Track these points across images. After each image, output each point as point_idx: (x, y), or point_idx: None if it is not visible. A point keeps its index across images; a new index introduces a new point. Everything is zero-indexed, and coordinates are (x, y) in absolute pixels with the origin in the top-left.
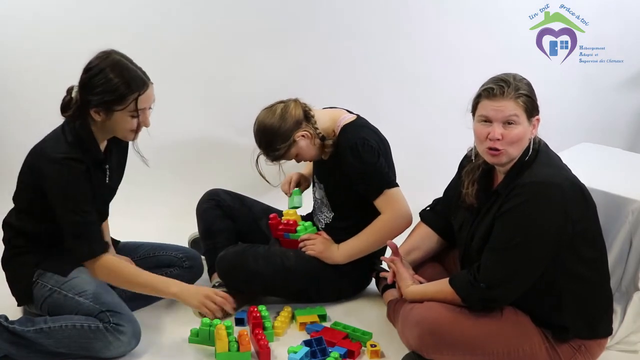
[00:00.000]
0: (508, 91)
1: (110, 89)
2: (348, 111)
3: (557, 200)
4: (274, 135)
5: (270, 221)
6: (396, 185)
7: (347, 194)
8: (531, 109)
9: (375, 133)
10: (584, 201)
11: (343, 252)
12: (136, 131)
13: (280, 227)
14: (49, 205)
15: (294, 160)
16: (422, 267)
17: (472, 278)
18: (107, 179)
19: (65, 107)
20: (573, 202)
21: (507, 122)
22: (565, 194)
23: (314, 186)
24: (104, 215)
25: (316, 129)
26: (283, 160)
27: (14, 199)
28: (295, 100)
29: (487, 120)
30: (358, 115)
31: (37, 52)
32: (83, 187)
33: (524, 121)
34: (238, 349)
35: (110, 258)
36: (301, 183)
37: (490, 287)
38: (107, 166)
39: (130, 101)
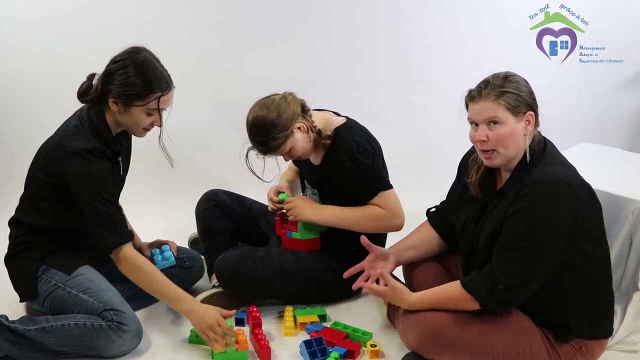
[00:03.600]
0: (486, 92)
1: (134, 84)
2: (335, 113)
3: (568, 199)
4: (272, 125)
5: (276, 217)
6: (391, 186)
7: (342, 197)
8: (515, 105)
9: (367, 134)
10: (592, 200)
11: (324, 213)
12: (147, 129)
13: (285, 225)
14: (65, 200)
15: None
16: (423, 267)
17: (489, 281)
18: (121, 171)
19: (83, 93)
20: (583, 200)
21: (492, 122)
22: (576, 192)
23: (303, 190)
24: None
25: (312, 122)
26: (274, 154)
27: (24, 195)
28: (292, 94)
29: (474, 123)
30: (347, 117)
31: (37, 52)
32: (105, 177)
33: (508, 119)
34: (236, 349)
35: (136, 253)
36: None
37: (508, 289)
38: (120, 159)
39: (153, 99)
